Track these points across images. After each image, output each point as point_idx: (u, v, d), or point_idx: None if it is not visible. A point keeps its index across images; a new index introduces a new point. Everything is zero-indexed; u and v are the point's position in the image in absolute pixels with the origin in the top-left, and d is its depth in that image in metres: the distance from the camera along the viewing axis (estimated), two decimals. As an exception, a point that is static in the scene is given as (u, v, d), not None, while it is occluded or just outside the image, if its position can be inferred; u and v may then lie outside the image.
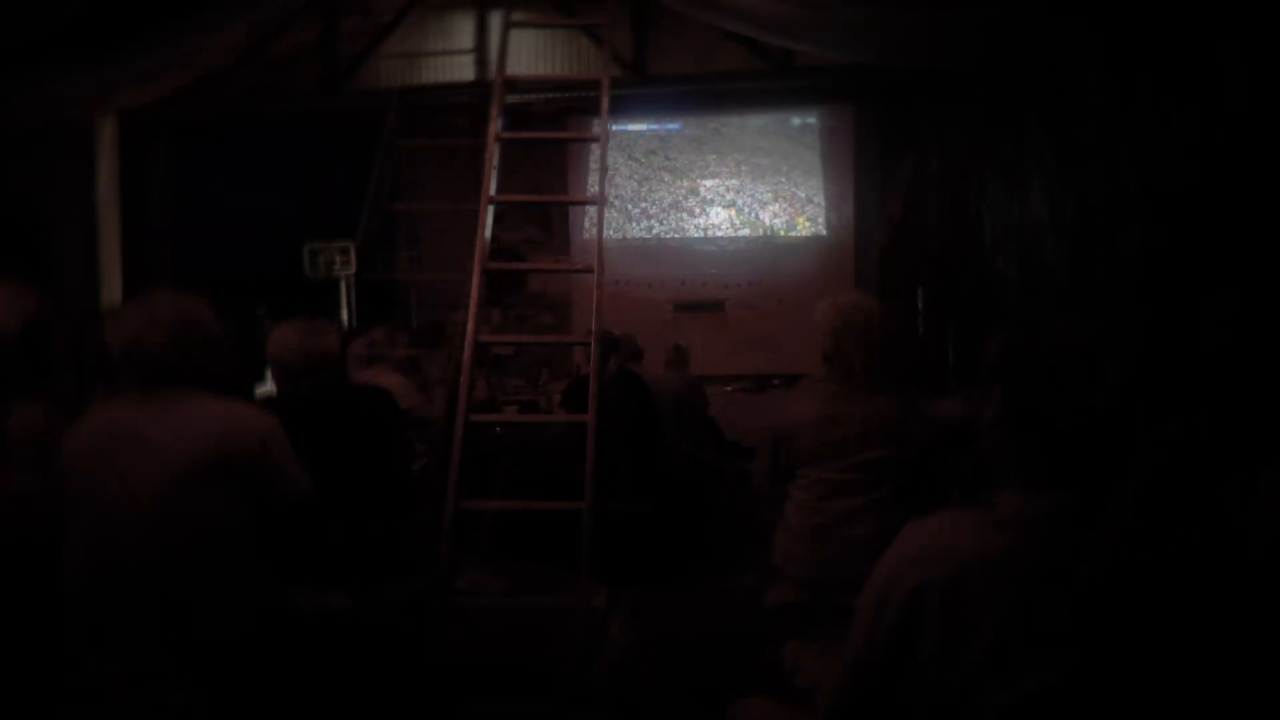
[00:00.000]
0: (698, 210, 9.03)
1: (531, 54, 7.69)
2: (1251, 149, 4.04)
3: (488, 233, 4.32)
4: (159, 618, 2.00)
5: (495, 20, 7.63)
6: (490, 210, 4.28)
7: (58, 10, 5.76)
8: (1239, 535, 1.86)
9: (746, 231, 9.02)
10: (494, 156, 4.37)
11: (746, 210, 9.02)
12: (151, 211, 8.07)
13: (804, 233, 8.99)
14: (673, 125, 8.99)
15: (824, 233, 8.90)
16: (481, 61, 7.84)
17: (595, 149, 4.78)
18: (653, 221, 9.07)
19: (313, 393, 3.05)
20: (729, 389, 8.09)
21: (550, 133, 7.82)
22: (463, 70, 7.95)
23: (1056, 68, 5.84)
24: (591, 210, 8.16)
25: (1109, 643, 1.21)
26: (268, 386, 4.16)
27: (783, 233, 9.02)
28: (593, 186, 8.40)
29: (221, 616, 2.03)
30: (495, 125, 4.46)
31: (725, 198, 9.02)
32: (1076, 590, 1.22)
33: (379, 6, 7.82)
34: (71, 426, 2.16)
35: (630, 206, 9.04)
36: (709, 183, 9.02)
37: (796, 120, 8.87)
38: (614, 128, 7.88)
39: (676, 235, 9.05)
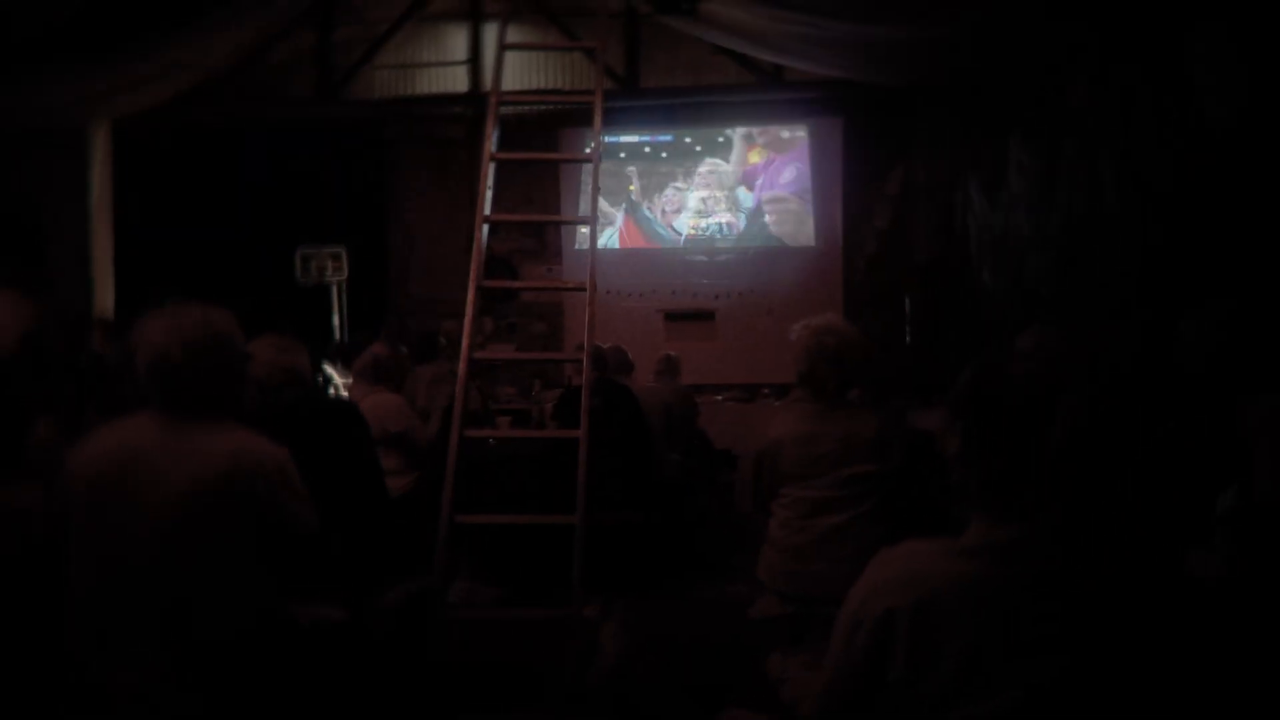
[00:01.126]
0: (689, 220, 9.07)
1: (526, 64, 7.72)
2: (1247, 152, 4.05)
3: (482, 248, 4.38)
4: (159, 621, 2.02)
5: (489, 32, 7.67)
6: (485, 228, 4.33)
7: (57, 11, 5.77)
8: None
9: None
10: (488, 176, 4.41)
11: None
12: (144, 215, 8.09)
13: (794, 243, 9.04)
14: (664, 137, 9.03)
15: (813, 243, 8.95)
16: (475, 72, 7.89)
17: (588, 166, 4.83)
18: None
19: (296, 403, 3.09)
20: (719, 398, 8.11)
21: (543, 154, 7.89)
22: (457, 81, 7.99)
23: (1055, 68, 5.78)
24: (584, 221, 8.21)
25: (1101, 646, 1.24)
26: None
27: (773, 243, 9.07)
28: (584, 197, 8.46)
29: (221, 618, 2.05)
30: (489, 144, 4.50)
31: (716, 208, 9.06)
32: (1067, 594, 1.26)
33: (374, 16, 7.86)
34: (81, 443, 2.17)
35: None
36: (700, 193, 9.07)
37: (786, 133, 8.92)
38: (606, 139, 7.93)
39: (668, 245, 9.10)
